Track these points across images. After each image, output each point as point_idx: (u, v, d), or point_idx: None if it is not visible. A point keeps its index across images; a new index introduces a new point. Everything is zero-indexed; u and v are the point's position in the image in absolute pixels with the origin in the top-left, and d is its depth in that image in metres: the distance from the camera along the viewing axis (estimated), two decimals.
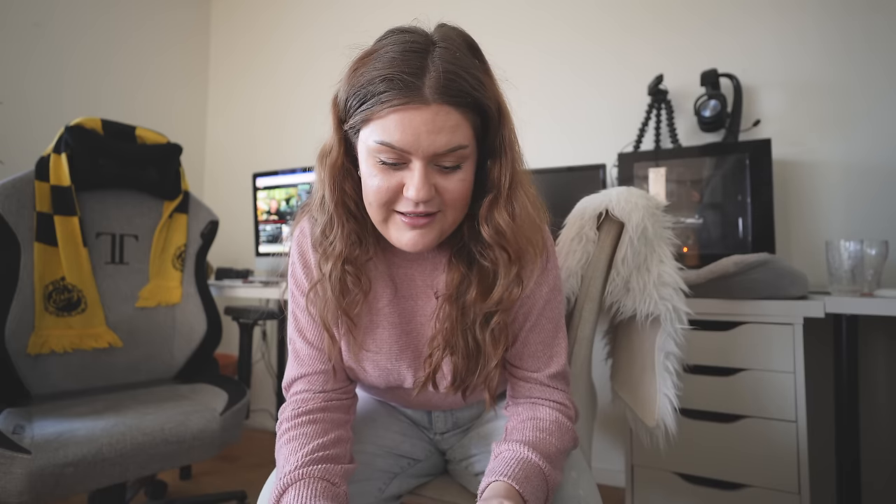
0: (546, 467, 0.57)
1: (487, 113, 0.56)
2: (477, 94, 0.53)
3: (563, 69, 1.84)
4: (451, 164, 0.54)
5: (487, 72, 0.58)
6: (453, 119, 0.52)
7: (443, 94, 0.51)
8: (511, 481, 0.54)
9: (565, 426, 0.64)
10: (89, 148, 1.29)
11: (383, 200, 0.56)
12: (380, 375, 0.67)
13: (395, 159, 0.54)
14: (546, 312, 0.67)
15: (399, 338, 0.67)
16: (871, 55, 1.44)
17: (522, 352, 0.67)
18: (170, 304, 1.42)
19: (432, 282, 0.66)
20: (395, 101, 0.51)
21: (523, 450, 0.58)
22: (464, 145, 0.54)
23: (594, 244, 0.87)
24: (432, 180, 0.54)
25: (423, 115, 0.51)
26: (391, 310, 0.67)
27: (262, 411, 2.30)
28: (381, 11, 2.16)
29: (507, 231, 0.59)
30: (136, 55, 2.30)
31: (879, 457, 1.37)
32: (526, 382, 0.67)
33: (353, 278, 0.62)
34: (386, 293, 0.67)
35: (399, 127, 0.51)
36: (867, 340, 1.38)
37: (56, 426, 0.97)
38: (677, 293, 0.86)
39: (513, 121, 0.60)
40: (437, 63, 0.52)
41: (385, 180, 0.55)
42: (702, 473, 1.17)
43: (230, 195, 2.50)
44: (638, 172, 1.43)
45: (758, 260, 1.02)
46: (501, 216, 0.59)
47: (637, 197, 0.85)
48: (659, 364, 0.86)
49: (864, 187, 1.43)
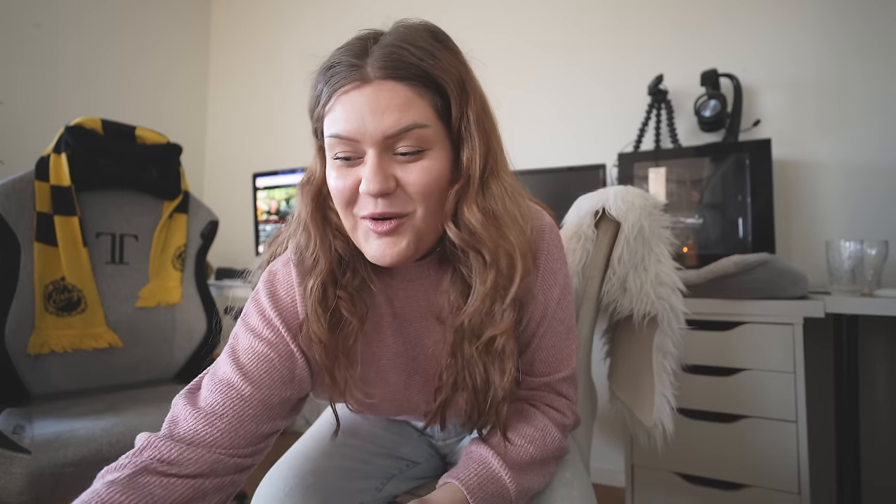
0: (508, 476, 0.53)
1: (445, 89, 0.49)
2: (424, 64, 0.47)
3: (563, 69, 1.84)
4: (409, 149, 0.48)
5: (447, 48, 0.51)
6: (401, 95, 0.46)
7: (384, 68, 0.46)
8: (463, 487, 0.52)
9: (551, 436, 0.58)
10: (89, 148, 1.29)
11: (344, 200, 0.50)
12: (390, 409, 0.63)
13: (349, 152, 0.48)
14: (558, 314, 0.59)
15: (406, 366, 0.60)
16: (871, 55, 1.44)
17: (533, 358, 0.60)
18: (170, 304, 1.42)
19: (436, 302, 0.57)
20: (338, 85, 0.48)
21: (489, 455, 0.55)
22: (420, 123, 0.47)
23: (593, 242, 0.86)
24: (389, 171, 0.48)
25: (365, 93, 0.46)
26: (394, 339, 0.59)
27: None
28: (380, 8, 2.15)
29: (479, 229, 0.50)
30: (137, 55, 2.30)
31: (879, 456, 1.37)
32: (533, 390, 0.62)
33: (347, 305, 0.53)
34: (385, 319, 0.59)
35: (343, 113, 0.47)
36: (867, 340, 1.38)
37: (56, 426, 0.97)
38: (675, 293, 0.86)
39: (485, 101, 0.53)
40: (381, 43, 0.48)
41: (342, 179, 0.49)
42: (702, 473, 1.17)
43: (230, 195, 2.50)
44: (638, 172, 1.43)
45: (758, 260, 1.02)
46: (471, 211, 0.50)
47: (634, 196, 0.84)
48: (657, 364, 0.85)
49: (864, 187, 1.43)
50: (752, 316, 1.13)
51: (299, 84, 0.57)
